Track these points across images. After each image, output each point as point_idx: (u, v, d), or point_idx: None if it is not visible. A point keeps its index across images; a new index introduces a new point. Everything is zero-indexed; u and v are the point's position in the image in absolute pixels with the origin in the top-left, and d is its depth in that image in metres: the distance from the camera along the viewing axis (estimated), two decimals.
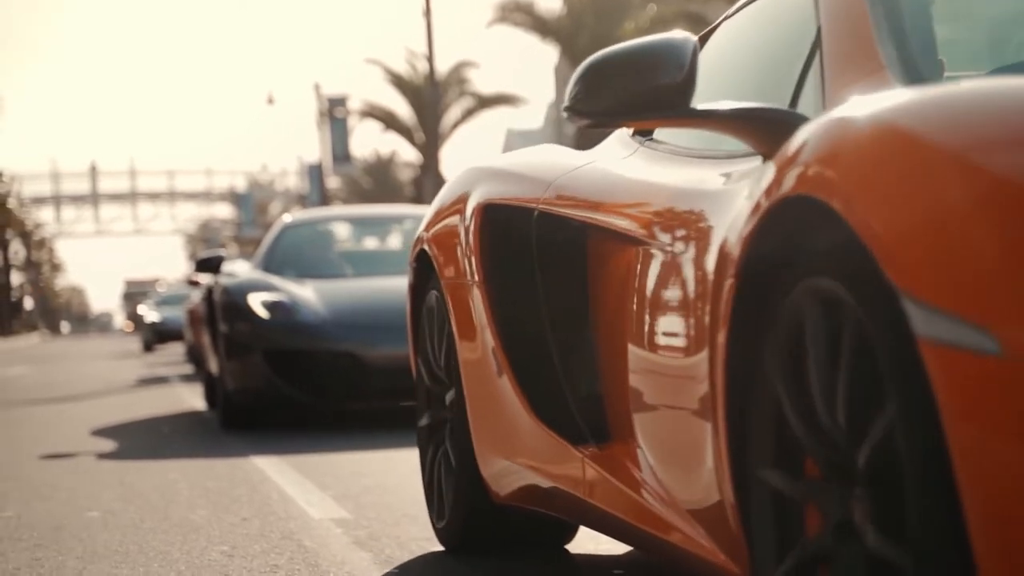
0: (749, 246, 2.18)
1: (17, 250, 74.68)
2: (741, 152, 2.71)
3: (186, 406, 11.49)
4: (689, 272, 2.57)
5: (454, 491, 3.79)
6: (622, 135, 3.51)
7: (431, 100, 30.72)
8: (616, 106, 2.60)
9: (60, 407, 12.16)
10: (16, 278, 74.20)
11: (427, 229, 3.95)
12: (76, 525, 4.85)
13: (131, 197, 79.80)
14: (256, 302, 8.62)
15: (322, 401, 8.45)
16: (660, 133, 3.33)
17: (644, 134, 3.39)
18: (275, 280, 9.02)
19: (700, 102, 2.60)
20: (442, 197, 3.96)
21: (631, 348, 2.84)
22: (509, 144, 78.28)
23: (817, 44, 2.70)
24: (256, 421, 8.74)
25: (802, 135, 2.05)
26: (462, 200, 3.73)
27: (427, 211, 4.05)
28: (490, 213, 3.56)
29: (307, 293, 8.77)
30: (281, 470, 6.30)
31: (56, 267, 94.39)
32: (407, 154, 62.88)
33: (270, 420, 8.86)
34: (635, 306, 2.84)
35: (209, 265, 9.82)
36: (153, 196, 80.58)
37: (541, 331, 3.30)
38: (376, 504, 5.09)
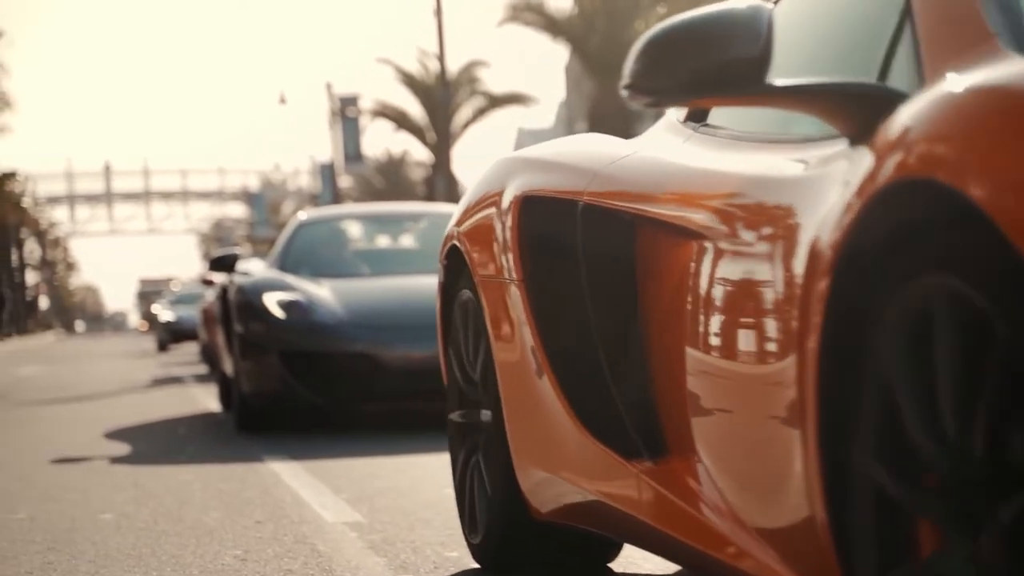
0: (847, 240, 1.96)
1: (32, 249, 74.86)
2: (819, 135, 2.44)
3: (200, 407, 11.47)
4: (765, 268, 2.30)
5: (490, 505, 3.52)
6: (670, 121, 3.23)
7: (442, 99, 30.69)
8: (683, 83, 2.36)
9: (74, 407, 12.15)
10: (31, 277, 74.37)
11: (459, 224, 3.69)
12: (89, 527, 4.83)
13: (144, 196, 79.95)
14: (272, 302, 8.40)
15: (339, 403, 8.28)
16: (717, 117, 3.05)
17: (697, 119, 3.11)
18: (291, 279, 8.81)
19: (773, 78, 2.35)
20: (475, 190, 3.69)
21: (689, 352, 2.59)
22: (520, 143, 78.17)
23: (907, 12, 2.42)
24: (272, 424, 8.55)
25: (906, 113, 1.87)
26: (497, 193, 3.47)
27: (458, 205, 3.80)
28: (529, 206, 3.29)
29: (323, 293, 8.55)
30: (294, 473, 6.28)
31: (71, 266, 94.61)
32: (419, 153, 62.91)
33: (286, 423, 8.67)
34: (695, 306, 2.58)
35: (223, 263, 9.61)
36: (166, 195, 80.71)
37: (586, 333, 3.01)
38: (390, 508, 5.05)
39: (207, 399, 12.23)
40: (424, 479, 5.86)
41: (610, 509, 2.93)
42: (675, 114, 3.22)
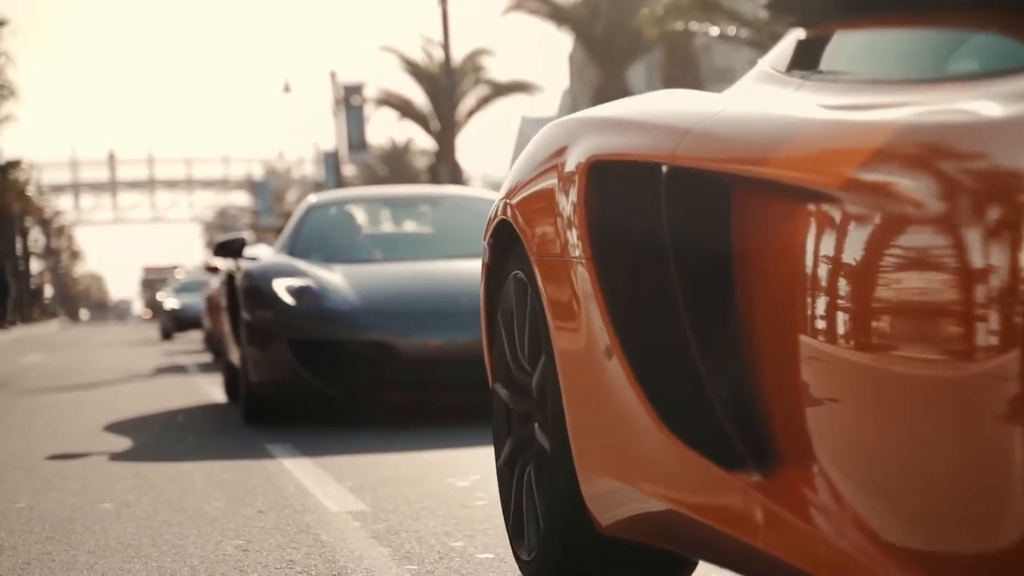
0: None
1: (36, 238, 74.84)
2: (1000, 67, 1.94)
3: (204, 396, 11.41)
4: (962, 238, 1.78)
5: (545, 516, 3.01)
6: (766, 72, 2.73)
7: (447, 88, 30.57)
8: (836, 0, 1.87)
9: (76, 395, 12.09)
10: (35, 266, 74.36)
11: (510, 196, 3.19)
12: (89, 517, 4.77)
13: (149, 185, 79.93)
14: (281, 288, 8.01)
15: (352, 394, 7.84)
16: (834, 62, 2.51)
17: (806, 66, 2.57)
18: (301, 264, 8.40)
19: None
20: (529, 157, 3.18)
21: (809, 342, 2.09)
22: (523, 132, 78.13)
23: None
24: (281, 415, 8.20)
25: None
26: (558, 159, 2.95)
27: (508, 176, 3.28)
28: (600, 172, 2.76)
29: (335, 278, 8.15)
30: (297, 461, 6.22)
31: (75, 255, 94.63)
32: (423, 142, 62.78)
33: (295, 414, 8.35)
34: (824, 288, 2.06)
35: (229, 248, 9.18)
36: (171, 184, 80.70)
37: (673, 319, 2.49)
38: (394, 496, 4.99)
39: (211, 388, 12.17)
40: (428, 468, 5.80)
41: (698, 526, 2.45)
42: (772, 64, 2.74)
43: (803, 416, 2.14)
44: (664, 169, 2.54)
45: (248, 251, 9.06)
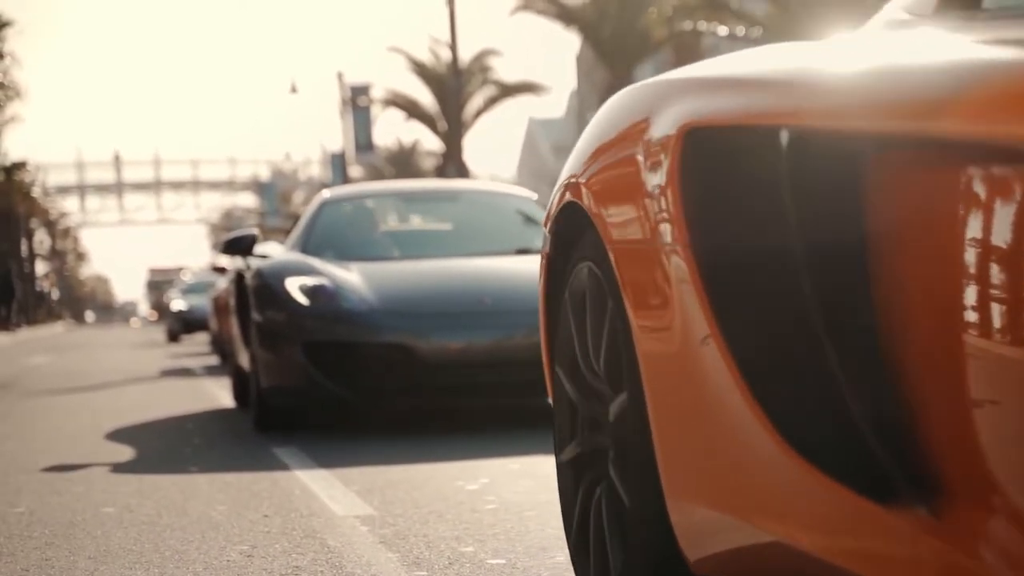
0: None
1: (42, 239, 74.86)
2: None
3: (209, 398, 11.30)
4: None
5: (625, 548, 2.52)
6: (900, 20, 2.25)
7: (454, 88, 30.47)
8: None
9: (80, 398, 12.00)
10: (41, 267, 74.37)
11: (578, 175, 2.70)
12: (90, 522, 4.66)
13: (155, 186, 79.92)
14: (294, 286, 7.51)
15: (369, 399, 7.33)
16: None
17: (961, 3, 2.12)
18: (315, 262, 7.88)
19: None
20: (604, 126, 2.66)
21: (980, 344, 1.64)
22: (530, 133, 78.07)
23: None
24: (294, 422, 7.71)
25: None
26: (642, 126, 2.45)
27: (576, 150, 2.79)
28: (699, 141, 2.24)
29: (352, 277, 7.63)
30: (302, 463, 6.11)
31: (81, 256, 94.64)
32: (429, 143, 62.75)
33: (310, 421, 7.89)
34: (1008, 275, 1.60)
35: (239, 246, 8.65)
36: (177, 185, 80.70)
37: (800, 316, 2.01)
38: (402, 500, 4.88)
39: (217, 392, 12.06)
40: (436, 471, 5.69)
41: (827, 569, 1.94)
42: (908, 8, 2.25)
43: (977, 434, 1.68)
44: (784, 134, 2.03)
45: (258, 249, 8.65)
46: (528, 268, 7.44)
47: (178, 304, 30.73)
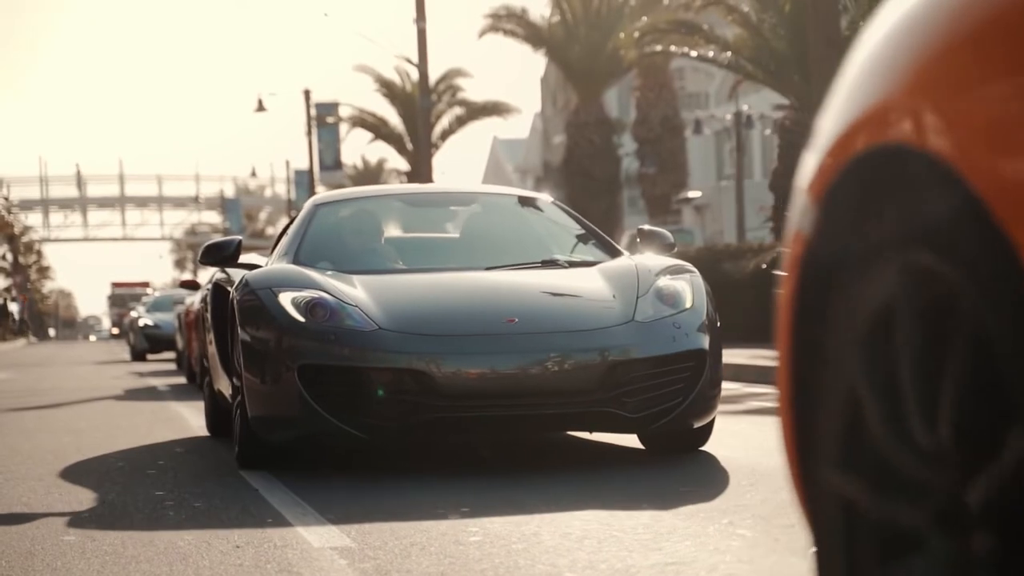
0: None
1: (4, 253, 74.14)
2: None
3: (175, 418, 11.02)
4: None
5: None
6: None
7: (423, 108, 30.25)
8: None
9: (41, 415, 11.69)
10: (2, 282, 73.63)
11: (909, 90, 1.47)
12: (50, 551, 4.41)
13: (119, 202, 79.31)
14: (287, 301, 6.39)
15: (377, 434, 6.17)
16: None
17: None
18: (312, 273, 6.76)
19: None
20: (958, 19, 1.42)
21: None
22: (495, 153, 78.07)
23: None
24: (286, 459, 6.67)
25: None
26: None
27: (875, 49, 1.57)
28: None
29: (355, 292, 6.54)
30: (273, 489, 5.85)
31: (43, 271, 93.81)
32: (396, 162, 62.50)
33: (305, 457, 6.87)
34: None
35: (221, 253, 7.47)
36: (141, 202, 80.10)
37: None
38: (381, 530, 4.65)
39: (185, 412, 11.77)
40: (414, 498, 5.45)
41: None
42: None
43: None
44: None
45: (243, 258, 7.59)
46: (558, 283, 6.73)
47: (143, 320, 28.87)
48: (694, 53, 24.84)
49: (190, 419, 10.44)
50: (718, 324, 6.67)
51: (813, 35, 14.21)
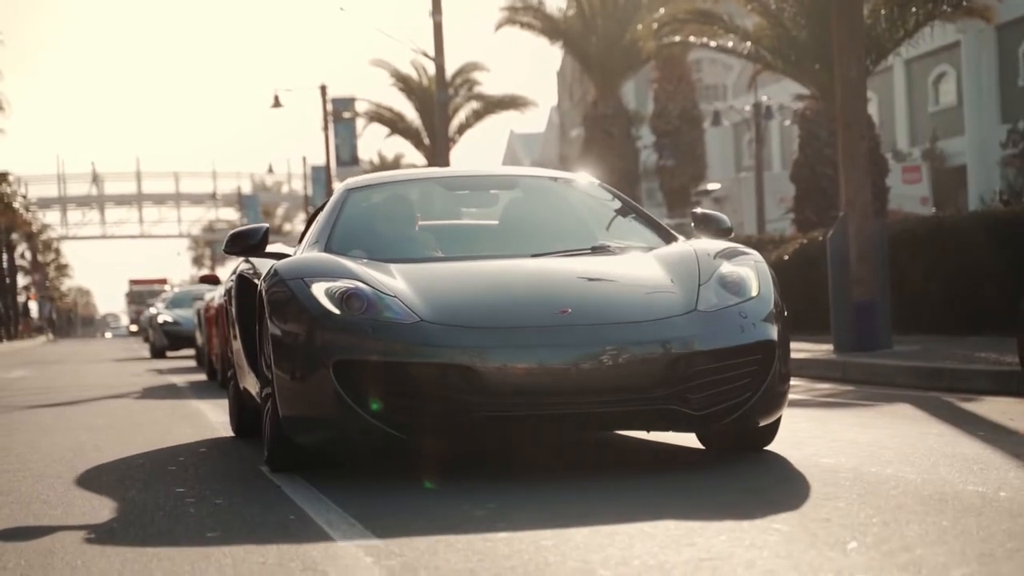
0: None
1: (23, 252, 74.28)
2: None
3: (195, 415, 10.94)
4: None
5: None
6: None
7: (439, 102, 30.14)
8: None
9: (60, 412, 11.62)
10: (21, 280, 73.78)
11: None
12: (70, 549, 4.32)
13: (136, 199, 79.40)
14: (321, 292, 5.91)
15: (419, 435, 5.67)
16: None
17: None
18: (347, 262, 6.25)
19: None
20: None
21: None
22: (512, 147, 77.93)
23: None
24: (321, 462, 6.27)
25: None
26: None
27: None
28: None
29: (394, 281, 6.04)
30: (296, 486, 5.74)
31: (62, 269, 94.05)
32: (413, 156, 62.41)
33: (340, 460, 6.41)
34: None
35: (247, 242, 7.00)
36: (158, 199, 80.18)
37: None
38: (407, 527, 4.54)
39: (206, 410, 11.68)
40: (439, 494, 5.34)
41: None
42: None
43: None
44: None
45: (272, 248, 7.11)
46: (612, 270, 6.22)
47: (163, 316, 28.40)
48: (713, 43, 24.65)
49: (210, 416, 10.36)
50: (785, 313, 6.17)
51: (837, 23, 14.04)
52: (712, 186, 41.45)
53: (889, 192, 23.40)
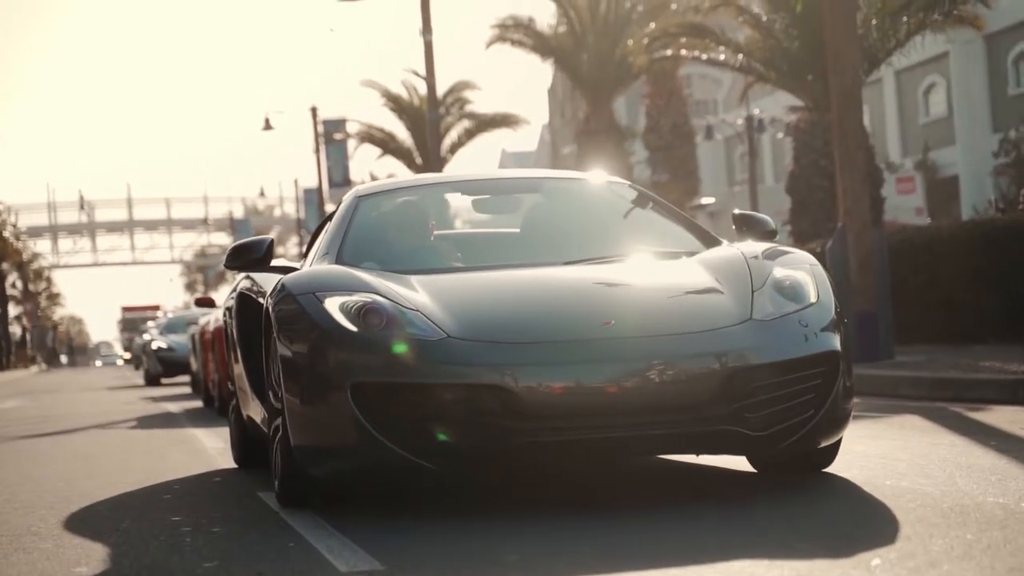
0: None
1: (14, 281, 74.06)
2: None
3: (190, 442, 10.77)
4: None
5: None
6: None
7: (431, 122, 30.03)
8: None
9: (54, 441, 11.45)
10: (13, 310, 73.56)
11: None
12: None
13: (128, 226, 79.25)
14: (335, 308, 5.34)
15: (447, 463, 5.06)
16: None
17: None
18: (362, 274, 5.68)
19: None
20: None
21: None
22: (503, 166, 77.96)
23: None
24: (339, 496, 5.75)
25: None
26: None
27: None
28: None
29: (414, 294, 5.47)
30: (294, 511, 5.56)
31: (53, 298, 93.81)
32: (405, 176, 62.36)
33: (360, 494, 5.86)
34: None
35: (251, 255, 6.47)
36: (150, 225, 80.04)
37: None
38: (411, 552, 4.38)
39: (202, 437, 11.52)
40: (444, 516, 5.16)
41: None
42: None
43: None
44: None
45: (277, 262, 6.61)
46: (655, 278, 5.70)
47: (157, 342, 27.97)
48: (705, 56, 24.58)
49: (206, 443, 10.18)
50: (845, 320, 5.65)
51: (831, 31, 13.93)
52: (706, 200, 41.41)
53: (885, 203, 23.31)
